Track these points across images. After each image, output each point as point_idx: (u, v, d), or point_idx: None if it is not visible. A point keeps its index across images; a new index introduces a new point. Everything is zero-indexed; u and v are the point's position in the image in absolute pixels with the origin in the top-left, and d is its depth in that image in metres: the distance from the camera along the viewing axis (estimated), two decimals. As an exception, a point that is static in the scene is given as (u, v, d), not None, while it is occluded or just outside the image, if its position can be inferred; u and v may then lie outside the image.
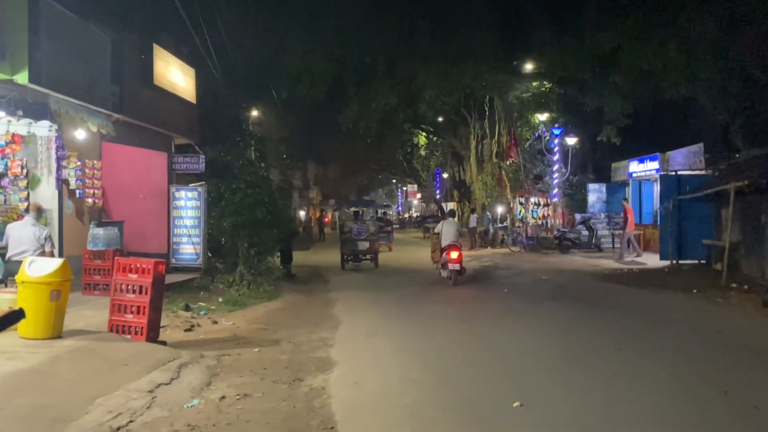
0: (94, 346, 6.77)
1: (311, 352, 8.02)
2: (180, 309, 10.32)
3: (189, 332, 9.03)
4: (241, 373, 6.81)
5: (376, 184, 74.83)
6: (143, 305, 7.50)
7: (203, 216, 13.62)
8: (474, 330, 9.21)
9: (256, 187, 14.44)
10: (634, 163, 23.43)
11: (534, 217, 24.89)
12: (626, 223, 19.11)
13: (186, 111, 13.81)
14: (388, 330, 9.37)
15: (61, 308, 6.95)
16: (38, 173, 9.83)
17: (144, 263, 7.65)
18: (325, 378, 6.71)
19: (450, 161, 38.91)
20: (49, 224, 9.88)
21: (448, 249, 14.17)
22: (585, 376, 6.53)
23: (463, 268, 14.24)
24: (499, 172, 27.47)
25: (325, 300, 12.72)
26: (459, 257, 14.02)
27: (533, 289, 13.98)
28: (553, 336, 8.66)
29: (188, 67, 13.68)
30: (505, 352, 7.74)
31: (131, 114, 10.98)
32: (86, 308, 8.94)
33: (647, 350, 7.70)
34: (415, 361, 7.37)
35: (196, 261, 13.66)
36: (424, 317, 10.41)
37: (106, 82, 9.97)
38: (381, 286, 15.10)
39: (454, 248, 14.13)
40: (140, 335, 7.47)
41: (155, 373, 6.34)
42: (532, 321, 9.81)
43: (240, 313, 10.85)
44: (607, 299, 12.19)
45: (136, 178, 13.68)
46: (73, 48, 8.97)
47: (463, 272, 14.33)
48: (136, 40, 11.44)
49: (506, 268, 18.20)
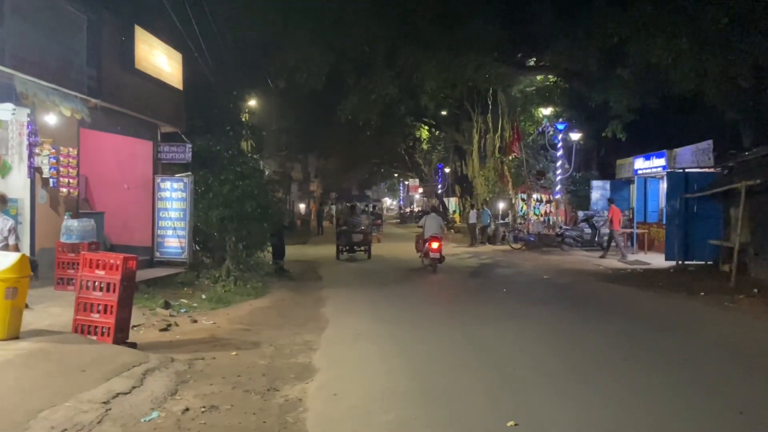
0: (52, 349, 6.22)
1: (293, 356, 7.46)
2: (159, 306, 9.77)
3: (164, 332, 8.48)
4: (212, 381, 6.26)
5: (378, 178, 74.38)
6: (111, 304, 6.95)
7: (189, 208, 13.07)
8: (468, 334, 8.64)
9: (246, 179, 13.87)
10: (640, 160, 22.81)
11: (536, 214, 24.32)
12: (611, 223, 19.22)
13: (172, 98, 13.20)
14: (377, 332, 8.81)
15: (17, 307, 6.40)
16: (9, 160, 9.26)
17: (112, 258, 7.10)
18: (304, 388, 6.15)
19: (452, 156, 38.41)
20: (20, 214, 9.33)
21: (430, 240, 15.90)
22: (587, 390, 5.96)
23: (442, 257, 16.01)
24: (501, 167, 26.87)
25: (314, 298, 12.16)
26: (439, 247, 15.83)
27: (533, 289, 13.40)
28: (553, 343, 8.09)
29: (175, 51, 13.04)
30: (501, 361, 7.16)
31: (110, 99, 10.37)
32: (56, 305, 8.39)
33: (655, 361, 7.13)
34: (403, 370, 6.80)
35: (181, 255, 13.13)
36: (415, 319, 9.85)
37: (81, 65, 9.36)
38: (374, 282, 14.59)
39: (435, 239, 15.87)
40: (107, 336, 6.92)
41: (115, 380, 5.78)
42: (532, 325, 9.24)
43: (223, 312, 10.30)
44: (610, 302, 11.62)
45: (120, 168, 13.14)
46: (43, 27, 8.36)
47: (442, 260, 16.06)
48: (115, 21, 10.81)
49: (506, 267, 17.63)
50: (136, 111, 11.65)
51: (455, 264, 18.71)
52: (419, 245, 17.22)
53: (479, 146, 29.76)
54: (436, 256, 15.72)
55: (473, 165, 30.61)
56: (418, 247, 17.30)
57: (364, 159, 52.56)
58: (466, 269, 17.28)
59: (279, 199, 19.59)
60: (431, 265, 15.86)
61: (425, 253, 16.23)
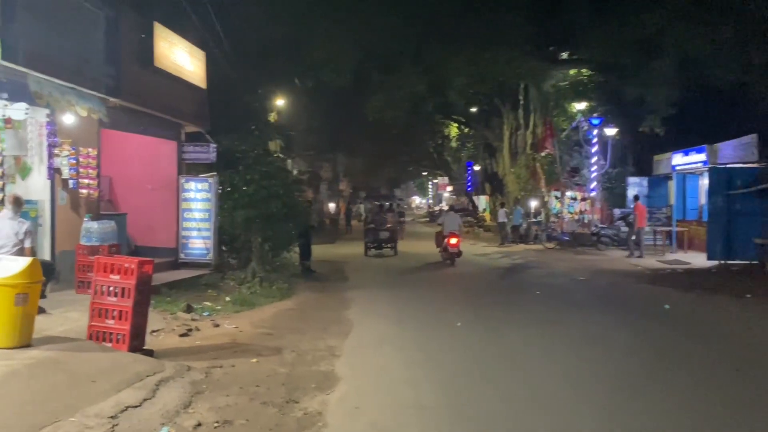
0: (63, 358, 5.98)
1: (315, 363, 7.12)
2: (181, 310, 9.53)
3: (184, 337, 8.21)
4: (229, 391, 5.94)
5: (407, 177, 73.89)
6: (126, 310, 6.69)
7: (214, 209, 12.86)
8: (499, 341, 8.19)
9: (271, 179, 13.61)
10: (679, 155, 21.96)
11: (570, 212, 23.58)
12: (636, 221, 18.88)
13: (195, 97, 12.98)
14: (402, 338, 8.43)
15: (28, 313, 6.17)
16: (29, 162, 9.12)
17: (127, 262, 6.84)
18: (324, 399, 5.81)
19: (482, 153, 37.75)
20: (40, 216, 9.18)
21: (449, 236, 17.06)
22: (629, 406, 5.48)
23: (460, 252, 17.24)
24: (533, 164, 26.19)
25: (340, 300, 11.83)
26: (457, 243, 17.10)
27: (569, 292, 12.85)
28: (590, 352, 7.61)
29: (197, 49, 12.81)
30: (535, 373, 6.70)
31: (129, 98, 10.16)
32: (74, 309, 8.18)
33: (703, 371, 6.63)
34: (428, 380, 6.40)
35: (206, 256, 12.92)
36: (442, 323, 9.43)
37: (99, 63, 9.15)
38: (400, 283, 14.27)
39: (454, 235, 17.08)
40: (122, 343, 6.67)
41: (126, 392, 5.50)
42: (567, 332, 8.74)
43: (246, 315, 10.03)
44: (651, 306, 11.02)
45: (144, 168, 12.99)
46: (59, 24, 8.16)
47: (460, 255, 17.30)
48: (134, 18, 10.60)
49: (539, 267, 17.05)
50: (158, 110, 11.45)
51: (486, 264, 18.25)
52: (439, 241, 18.07)
53: (510, 143, 29.13)
54: (455, 251, 17.01)
55: (504, 162, 29.98)
56: (438, 242, 18.14)
57: (392, 157, 52.08)
58: (496, 270, 16.79)
59: (308, 200, 19.36)
60: (450, 259, 17.08)
61: (444, 248, 17.28)
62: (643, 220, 19.16)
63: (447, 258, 17.18)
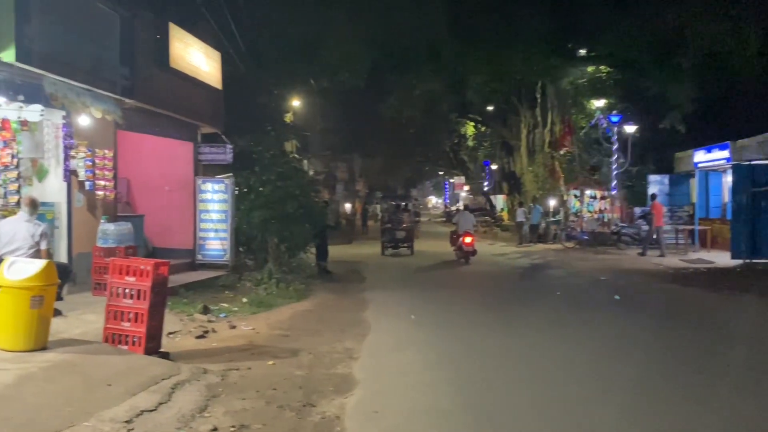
0: (78, 361, 5.92)
1: (332, 366, 6.99)
2: (197, 312, 9.47)
3: (201, 339, 8.14)
4: (246, 395, 5.84)
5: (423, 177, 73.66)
6: (141, 312, 6.62)
7: (231, 209, 12.81)
8: (519, 343, 8.02)
9: (287, 179, 13.54)
10: (701, 152, 21.52)
11: (590, 211, 23.25)
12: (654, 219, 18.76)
13: (210, 97, 12.94)
14: (421, 340, 8.28)
15: (44, 316, 6.12)
16: (46, 164, 9.11)
17: (143, 264, 6.77)
18: (342, 403, 5.68)
19: (499, 152, 37.50)
20: (57, 218, 9.17)
21: (464, 235, 17.35)
22: (654, 409, 5.29)
23: (474, 250, 17.41)
24: (552, 162, 25.88)
25: (357, 301, 11.70)
26: (472, 242, 17.31)
27: (590, 292, 12.62)
28: (614, 354, 7.40)
29: (212, 50, 12.77)
30: (558, 375, 6.52)
31: (144, 99, 10.13)
32: (90, 311, 8.15)
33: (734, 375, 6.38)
34: (448, 383, 6.25)
35: (223, 257, 12.88)
36: (461, 325, 9.28)
37: (114, 64, 9.11)
38: (418, 283, 14.14)
39: (468, 234, 17.35)
40: (138, 346, 6.60)
41: (141, 395, 5.42)
42: (590, 333, 8.54)
43: (263, 316, 9.94)
44: (675, 306, 10.78)
45: (160, 170, 12.98)
46: (74, 25, 8.13)
47: (475, 253, 17.47)
48: (149, 19, 10.57)
49: (559, 267, 16.80)
50: (173, 111, 11.41)
51: (504, 264, 18.04)
52: (453, 240, 18.41)
53: (527, 141, 28.85)
54: (469, 250, 17.24)
55: (521, 161, 29.73)
56: (453, 241, 18.46)
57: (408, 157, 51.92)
58: (515, 270, 16.58)
59: (325, 200, 19.28)
60: (464, 258, 17.32)
61: (459, 246, 17.57)
62: (661, 219, 18.95)
63: (462, 256, 17.42)
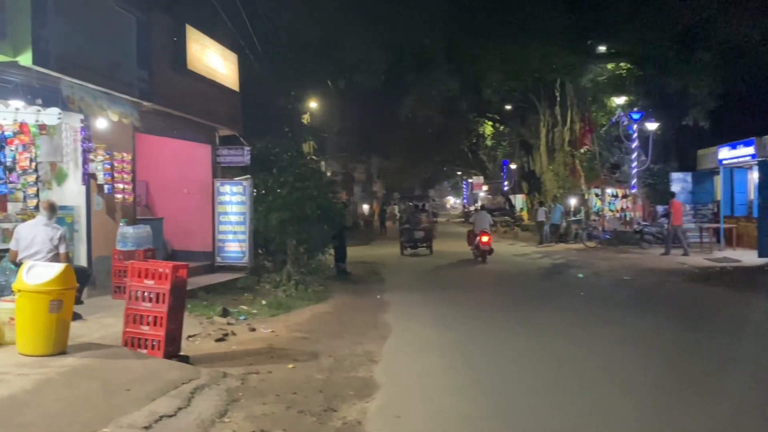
0: (97, 366, 5.87)
1: (353, 369, 6.88)
2: (217, 314, 9.41)
3: (220, 342, 8.07)
4: (266, 399, 5.75)
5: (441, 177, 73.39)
6: (161, 315, 6.55)
7: (249, 211, 12.76)
8: (544, 345, 7.85)
9: (305, 181, 13.49)
10: (725, 149, 21.09)
11: (611, 210, 22.91)
12: (672, 218, 18.59)
13: (228, 99, 12.91)
14: (442, 342, 8.15)
15: (63, 320, 6.08)
16: (65, 167, 9.12)
17: (161, 267, 6.70)
18: (364, 407, 5.57)
19: (518, 151, 37.18)
20: (77, 222, 9.18)
21: (480, 234, 17.70)
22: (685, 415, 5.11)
23: (491, 249, 17.82)
24: (572, 161, 25.55)
25: (376, 302, 11.60)
26: (488, 241, 17.72)
27: (614, 292, 12.39)
28: (642, 356, 7.21)
29: (230, 52, 12.75)
30: (583, 379, 6.35)
31: (162, 102, 10.10)
32: (110, 315, 8.12)
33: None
34: (472, 387, 6.11)
35: (242, 259, 12.83)
36: (484, 326, 9.13)
37: (132, 67, 9.09)
38: (437, 284, 14.04)
39: (485, 234, 17.72)
40: (157, 350, 6.53)
41: (161, 400, 5.35)
42: (616, 335, 8.34)
43: (282, 318, 9.86)
44: (703, 306, 10.53)
45: (179, 172, 12.97)
46: (90, 28, 8.11)
47: (491, 252, 17.86)
48: (166, 21, 10.55)
49: (581, 267, 16.54)
50: (191, 113, 11.38)
51: (526, 265, 17.83)
52: (470, 239, 18.71)
53: (547, 140, 28.56)
54: (486, 248, 17.63)
55: (541, 160, 29.42)
56: (470, 241, 18.77)
57: (426, 158, 51.81)
58: (537, 270, 16.36)
59: (343, 201, 19.22)
60: (481, 256, 17.71)
61: (476, 245, 17.93)
62: (680, 218, 18.74)
63: (479, 255, 17.81)
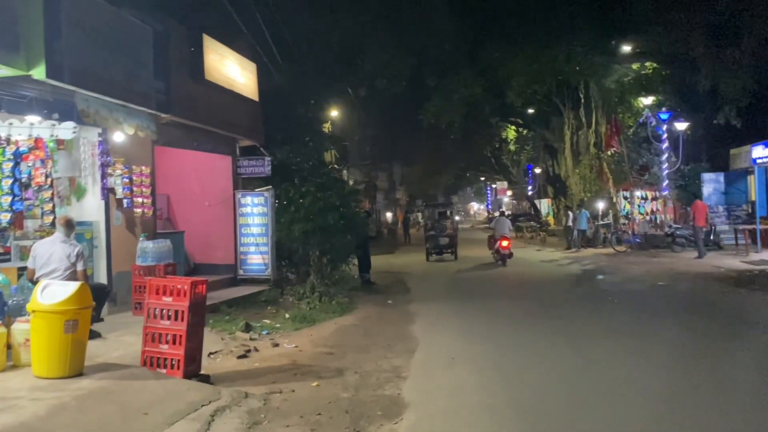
0: (114, 388, 5.64)
1: (379, 387, 6.57)
2: (239, 329, 9.18)
3: (243, 359, 7.82)
4: (289, 421, 5.47)
5: (464, 183, 72.91)
6: (180, 333, 6.33)
7: (271, 223, 12.55)
8: (579, 358, 7.44)
9: (327, 190, 13.25)
10: (759, 147, 20.32)
11: (641, 213, 22.30)
12: (695, 220, 18.29)
13: (247, 109, 12.74)
14: (473, 355, 7.80)
15: (79, 341, 5.88)
16: (83, 182, 8.98)
17: (180, 283, 6.48)
18: (392, 429, 5.27)
19: (542, 155, 36.66)
20: (96, 238, 9.03)
21: (501, 239, 18.67)
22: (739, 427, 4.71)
23: (510, 253, 18.73)
24: (599, 164, 24.98)
25: (403, 313, 11.28)
26: (508, 245, 18.69)
27: (648, 299, 11.90)
28: (690, 370, 6.76)
29: (248, 61, 12.58)
30: (625, 393, 5.96)
31: (181, 113, 9.93)
32: (129, 333, 7.92)
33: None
34: (508, 405, 5.76)
35: (265, 272, 12.60)
36: (516, 337, 8.75)
37: (149, 78, 8.92)
38: (464, 292, 13.74)
39: (505, 238, 18.74)
40: (176, 369, 6.30)
41: (180, 424, 5.11)
42: (655, 345, 7.91)
43: (306, 332, 9.59)
44: (746, 312, 10.01)
45: (200, 185, 12.83)
46: (105, 39, 7.96)
47: (511, 256, 18.77)
48: (182, 31, 10.40)
49: (612, 273, 16.03)
50: (210, 125, 11.22)
51: (555, 271, 17.36)
52: (491, 244, 19.59)
53: (571, 143, 28.03)
54: (506, 252, 18.51)
55: (566, 163, 28.87)
56: (490, 245, 19.67)
57: (449, 164, 51.52)
58: (567, 276, 15.89)
59: (366, 210, 18.96)
60: (501, 259, 18.57)
61: (496, 250, 18.81)
62: (703, 219, 18.34)
63: (499, 258, 18.71)
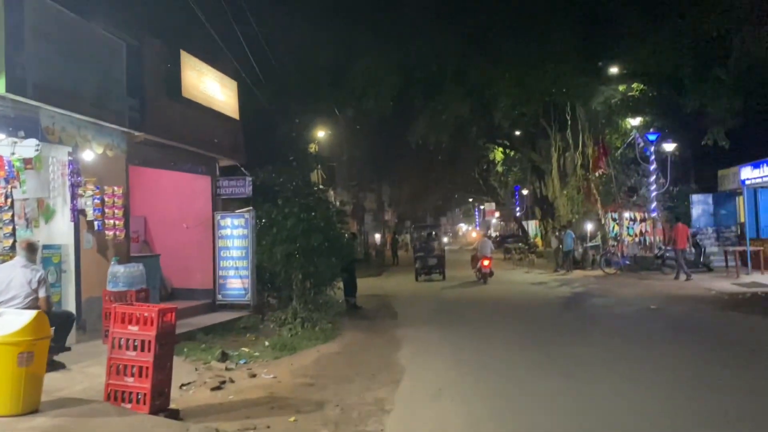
0: (72, 426, 5.18)
1: (361, 422, 6.15)
2: (215, 359, 8.71)
3: (216, 391, 7.35)
4: (262, 462, 5.03)
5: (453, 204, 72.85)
6: (146, 365, 5.87)
7: (251, 245, 12.12)
8: (573, 388, 7.04)
9: (311, 211, 12.84)
10: (747, 168, 20.26)
11: (630, 234, 22.10)
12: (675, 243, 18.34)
13: (228, 128, 12.37)
14: (461, 386, 7.39)
15: (35, 375, 5.42)
16: (52, 204, 8.55)
17: (146, 311, 6.04)
18: (373, 471, 4.83)
19: (530, 176, 36.52)
20: (65, 262, 8.57)
21: (482, 258, 20.24)
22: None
23: (491, 272, 20.33)
24: (587, 185, 24.81)
25: (389, 339, 10.85)
26: (489, 264, 20.21)
27: (642, 323, 11.58)
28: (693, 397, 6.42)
29: (228, 79, 12.26)
30: (622, 424, 5.57)
31: (156, 132, 9.54)
32: (97, 363, 7.42)
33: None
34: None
35: (245, 297, 12.15)
36: (506, 366, 8.35)
37: (121, 95, 8.55)
38: (453, 317, 13.38)
39: (486, 258, 20.26)
40: (142, 404, 5.84)
41: (139, 468, 4.64)
42: (652, 373, 7.55)
43: (286, 361, 9.13)
44: (741, 337, 9.71)
45: (179, 206, 12.40)
46: (74, 53, 7.59)
47: (492, 274, 20.33)
48: (159, 47, 10.06)
49: (603, 295, 15.72)
50: (189, 144, 10.83)
51: (545, 294, 16.99)
52: (474, 263, 21.23)
53: (559, 165, 27.96)
54: (487, 271, 20.13)
55: (553, 185, 28.77)
56: (473, 264, 21.38)
57: (437, 185, 51.37)
58: (557, 299, 15.54)
59: (352, 232, 18.56)
60: (482, 278, 20.04)
61: (478, 269, 20.35)
62: (684, 242, 18.27)
63: (480, 277, 20.20)
